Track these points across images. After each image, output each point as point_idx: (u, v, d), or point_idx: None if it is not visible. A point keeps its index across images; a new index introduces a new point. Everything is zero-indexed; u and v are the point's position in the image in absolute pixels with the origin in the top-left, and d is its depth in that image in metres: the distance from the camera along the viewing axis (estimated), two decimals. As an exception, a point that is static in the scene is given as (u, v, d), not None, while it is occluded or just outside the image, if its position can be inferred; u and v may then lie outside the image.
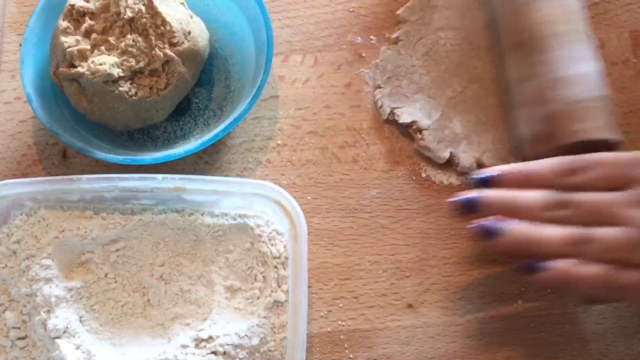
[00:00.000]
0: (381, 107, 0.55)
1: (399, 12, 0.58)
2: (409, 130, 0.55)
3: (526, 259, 0.45)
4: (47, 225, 0.51)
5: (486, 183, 0.47)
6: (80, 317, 0.49)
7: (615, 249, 0.43)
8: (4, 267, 0.50)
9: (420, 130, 0.54)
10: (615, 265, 0.43)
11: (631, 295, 0.44)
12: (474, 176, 0.48)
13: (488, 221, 0.46)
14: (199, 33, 0.53)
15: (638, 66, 0.56)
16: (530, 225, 0.45)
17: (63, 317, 0.48)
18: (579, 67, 0.50)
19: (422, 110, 0.55)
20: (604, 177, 0.45)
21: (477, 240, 0.46)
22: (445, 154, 0.54)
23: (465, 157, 0.54)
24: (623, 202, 0.44)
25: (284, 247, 0.50)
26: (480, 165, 0.53)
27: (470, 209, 0.46)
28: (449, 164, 0.54)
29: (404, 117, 0.55)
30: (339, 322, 0.51)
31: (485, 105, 0.55)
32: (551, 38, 0.51)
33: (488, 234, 0.45)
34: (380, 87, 0.56)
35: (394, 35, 0.57)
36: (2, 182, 0.51)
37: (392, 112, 0.55)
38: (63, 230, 0.50)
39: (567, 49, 0.51)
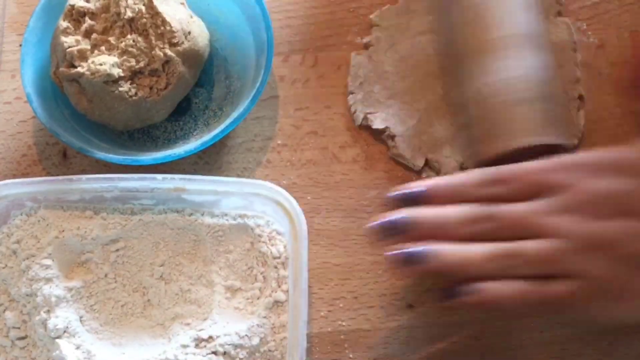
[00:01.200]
0: (354, 112, 0.55)
1: (371, 16, 0.57)
2: (382, 137, 0.54)
3: (448, 283, 0.44)
4: (47, 225, 0.51)
5: (409, 201, 0.44)
6: (81, 317, 0.49)
7: (537, 262, 0.42)
8: (4, 267, 0.50)
9: (392, 137, 0.54)
10: (540, 278, 0.42)
11: (558, 307, 0.43)
12: (395, 193, 0.45)
13: (411, 248, 0.43)
14: (199, 33, 0.53)
15: (638, 66, 0.56)
16: (453, 245, 0.43)
17: (63, 317, 0.48)
18: (527, 68, 0.50)
19: (395, 116, 0.54)
20: (525, 186, 0.43)
21: (396, 269, 0.44)
22: (420, 162, 0.53)
23: (448, 163, 0.53)
24: (541, 211, 0.42)
25: (284, 247, 0.50)
26: (465, 170, 0.52)
27: (397, 231, 0.43)
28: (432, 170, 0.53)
29: (377, 123, 0.54)
30: (339, 322, 0.51)
31: None
32: (499, 39, 0.50)
33: (411, 261, 0.43)
34: (352, 93, 0.55)
35: (364, 41, 0.57)
36: (2, 182, 0.51)
37: (365, 117, 0.55)
38: (63, 230, 0.50)
39: (517, 50, 0.50)
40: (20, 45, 0.54)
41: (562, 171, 0.43)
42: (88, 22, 0.51)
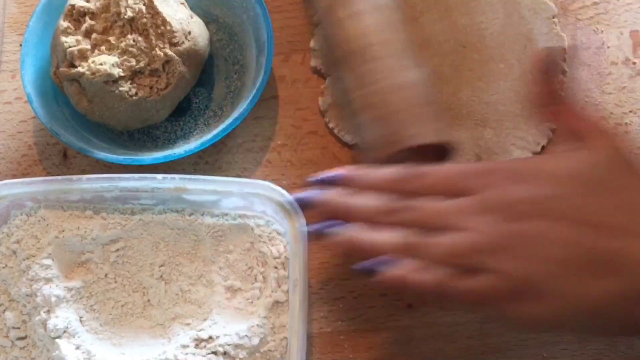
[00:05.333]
0: (337, 133, 0.55)
1: (311, 44, 0.57)
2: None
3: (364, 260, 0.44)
4: (47, 225, 0.51)
5: (326, 184, 0.46)
6: (80, 317, 0.49)
7: (449, 254, 0.42)
8: (4, 267, 0.50)
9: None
10: (452, 270, 0.42)
11: (466, 300, 0.43)
12: (315, 177, 0.46)
13: (321, 224, 0.45)
14: (199, 33, 0.53)
15: (638, 66, 0.56)
16: (365, 228, 0.44)
17: (63, 317, 0.48)
18: (404, 75, 0.50)
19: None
20: (445, 184, 0.44)
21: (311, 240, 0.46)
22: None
23: None
24: (457, 208, 0.43)
25: (284, 247, 0.50)
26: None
27: (306, 206, 0.46)
28: None
29: (347, 138, 0.54)
30: (339, 322, 0.51)
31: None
32: (374, 48, 0.50)
33: (319, 235, 0.45)
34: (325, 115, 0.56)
35: (312, 65, 0.57)
36: (2, 182, 0.51)
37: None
38: (63, 230, 0.50)
39: (391, 58, 0.50)
40: (21, 45, 0.55)
41: (481, 175, 0.44)
42: (88, 22, 0.51)
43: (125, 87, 0.51)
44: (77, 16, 0.52)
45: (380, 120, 0.50)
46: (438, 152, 0.49)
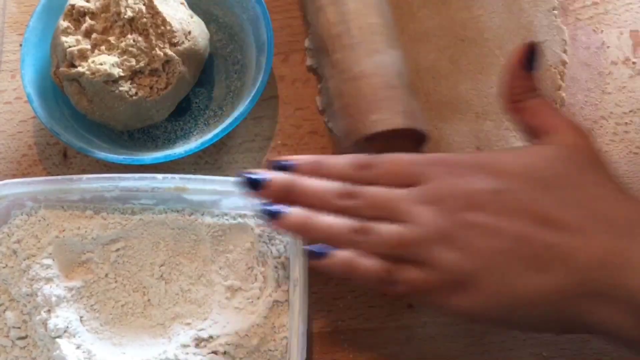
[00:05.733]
0: (337, 132, 0.55)
1: (306, 44, 0.57)
2: None
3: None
4: (48, 225, 0.51)
5: (280, 169, 0.46)
6: (81, 317, 0.49)
7: (392, 244, 0.42)
8: (4, 267, 0.50)
9: None
10: (394, 260, 0.43)
11: (401, 291, 0.43)
12: (269, 162, 0.47)
13: (269, 204, 0.45)
14: (199, 33, 0.53)
15: (638, 66, 0.56)
16: (311, 211, 0.44)
17: (63, 316, 0.48)
18: (374, 60, 0.50)
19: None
20: (395, 174, 0.44)
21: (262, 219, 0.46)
22: None
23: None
24: (408, 198, 0.43)
25: (284, 247, 0.50)
26: None
27: (255, 185, 0.45)
28: None
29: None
30: (339, 322, 0.51)
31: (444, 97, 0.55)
32: (351, 33, 0.50)
33: (268, 215, 0.44)
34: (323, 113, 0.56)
35: (308, 64, 0.57)
36: (2, 182, 0.51)
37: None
38: (63, 230, 0.50)
39: (361, 44, 0.50)
40: (21, 45, 0.55)
41: (430, 165, 0.44)
42: (88, 21, 0.51)
43: (125, 87, 0.51)
44: (77, 16, 0.52)
45: (346, 108, 0.50)
46: (417, 139, 0.49)
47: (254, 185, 0.45)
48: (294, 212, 0.44)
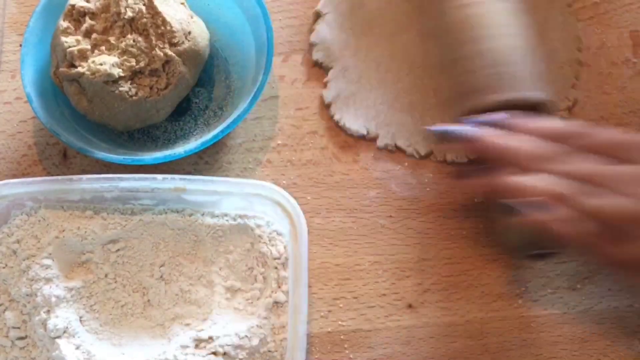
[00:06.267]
0: (343, 125, 0.55)
1: (311, 39, 0.57)
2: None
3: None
4: (48, 225, 0.51)
5: (484, 125, 0.45)
6: (80, 317, 0.49)
7: (609, 214, 0.41)
8: (4, 267, 0.50)
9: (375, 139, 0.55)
10: (602, 229, 0.41)
11: (611, 264, 0.42)
12: (472, 119, 0.46)
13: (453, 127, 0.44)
14: (199, 33, 0.53)
15: (638, 66, 0.56)
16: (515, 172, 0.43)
17: (63, 317, 0.48)
18: (518, 40, 0.50)
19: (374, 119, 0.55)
20: (606, 147, 0.43)
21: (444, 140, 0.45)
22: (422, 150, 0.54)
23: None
24: (623, 174, 0.42)
25: (284, 247, 0.50)
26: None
27: (457, 139, 0.45)
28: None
29: (353, 129, 0.55)
30: (339, 322, 0.51)
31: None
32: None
33: (452, 136, 0.44)
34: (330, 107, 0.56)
35: (314, 58, 0.57)
36: (2, 182, 0.51)
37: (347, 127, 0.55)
38: (63, 230, 0.50)
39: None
40: (21, 45, 0.54)
41: None
42: (88, 22, 0.51)
43: (125, 87, 0.51)
44: (77, 16, 0.52)
45: (503, 68, 0.49)
46: (533, 109, 0.48)
47: (453, 139, 0.44)
48: (498, 139, 0.44)
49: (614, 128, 0.45)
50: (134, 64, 0.51)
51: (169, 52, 0.51)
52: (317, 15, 0.58)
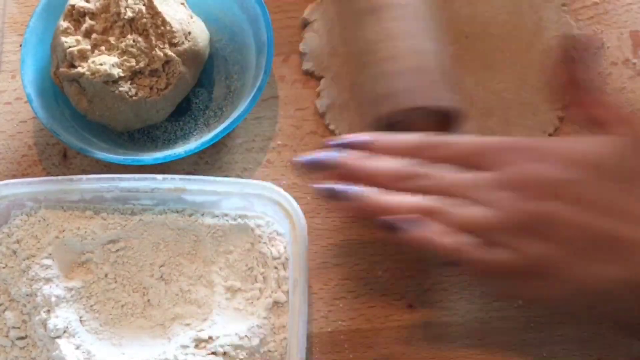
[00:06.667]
0: (340, 134, 0.55)
1: (301, 48, 0.57)
2: None
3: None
4: (48, 225, 0.51)
5: (345, 147, 0.45)
6: (80, 317, 0.49)
7: (473, 225, 0.42)
8: (4, 267, 0.50)
9: None
10: (473, 240, 0.42)
11: (482, 271, 0.43)
12: (333, 141, 0.46)
13: (335, 184, 0.44)
14: (199, 33, 0.53)
15: (638, 66, 0.56)
16: (382, 191, 0.44)
17: (63, 317, 0.48)
18: (429, 43, 0.50)
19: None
20: (464, 156, 0.44)
21: (323, 199, 0.45)
22: None
23: None
24: (480, 182, 0.43)
25: (285, 247, 0.50)
26: None
27: (322, 167, 0.45)
28: None
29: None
30: (339, 322, 0.51)
31: None
32: (407, 9, 0.50)
33: (332, 194, 0.44)
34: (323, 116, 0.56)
35: (304, 68, 0.57)
36: (2, 182, 0.51)
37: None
38: (63, 230, 0.50)
39: (421, 21, 0.50)
40: (21, 45, 0.55)
41: (502, 150, 0.44)
42: (88, 22, 0.51)
43: (125, 87, 0.51)
44: (77, 16, 0.52)
45: (408, 74, 0.49)
46: (440, 123, 0.48)
47: (319, 167, 0.45)
48: (361, 192, 0.43)
49: (472, 134, 0.45)
50: (134, 64, 0.51)
51: (169, 52, 0.51)
52: (305, 23, 0.57)
